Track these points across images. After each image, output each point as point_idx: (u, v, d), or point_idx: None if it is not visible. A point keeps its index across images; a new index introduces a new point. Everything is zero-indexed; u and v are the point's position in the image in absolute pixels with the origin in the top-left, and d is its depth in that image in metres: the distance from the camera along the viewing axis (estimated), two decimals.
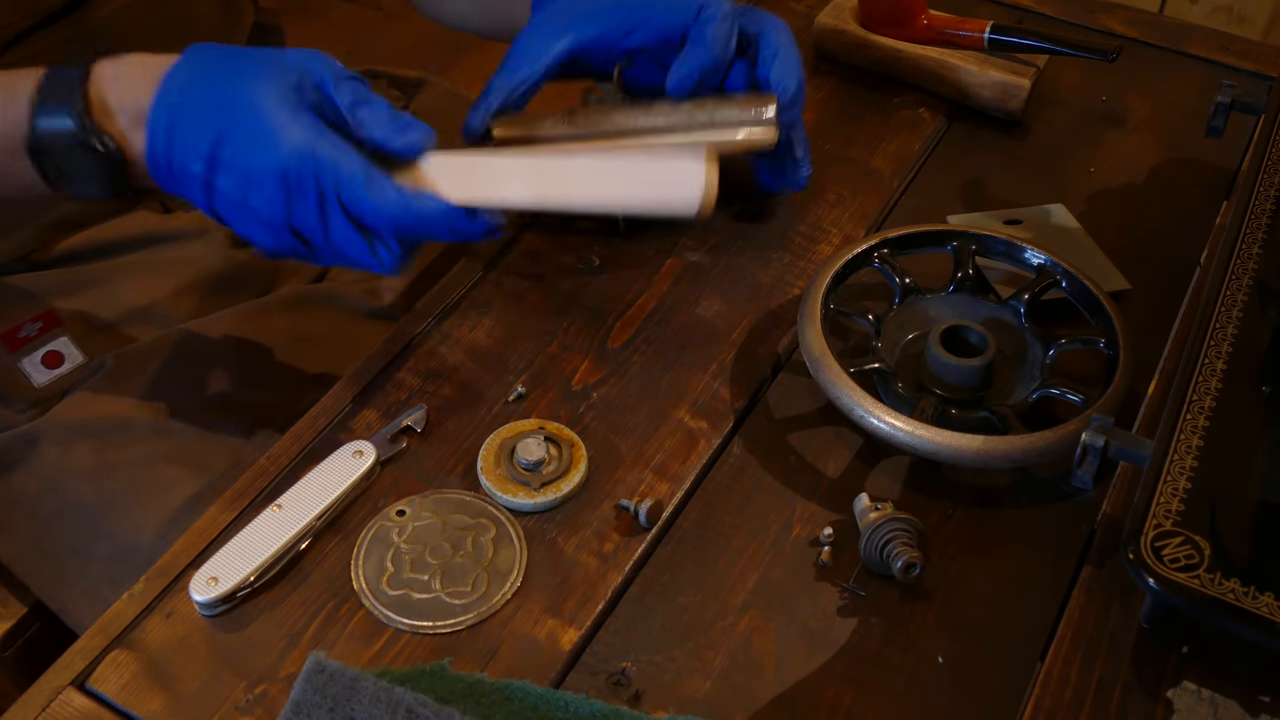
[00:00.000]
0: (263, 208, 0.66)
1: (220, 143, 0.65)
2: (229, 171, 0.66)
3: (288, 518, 0.65)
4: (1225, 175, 0.90)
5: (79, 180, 0.68)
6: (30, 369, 0.86)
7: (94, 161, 0.67)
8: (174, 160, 0.66)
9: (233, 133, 0.65)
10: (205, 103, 0.66)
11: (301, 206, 0.66)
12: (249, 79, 0.66)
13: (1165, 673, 0.57)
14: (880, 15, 0.96)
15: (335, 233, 0.67)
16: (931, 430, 0.66)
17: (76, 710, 0.59)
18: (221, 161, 0.66)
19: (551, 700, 0.58)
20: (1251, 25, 1.90)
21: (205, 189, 0.67)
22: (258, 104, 0.65)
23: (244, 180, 0.66)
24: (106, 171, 0.67)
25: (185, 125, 0.66)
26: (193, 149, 0.66)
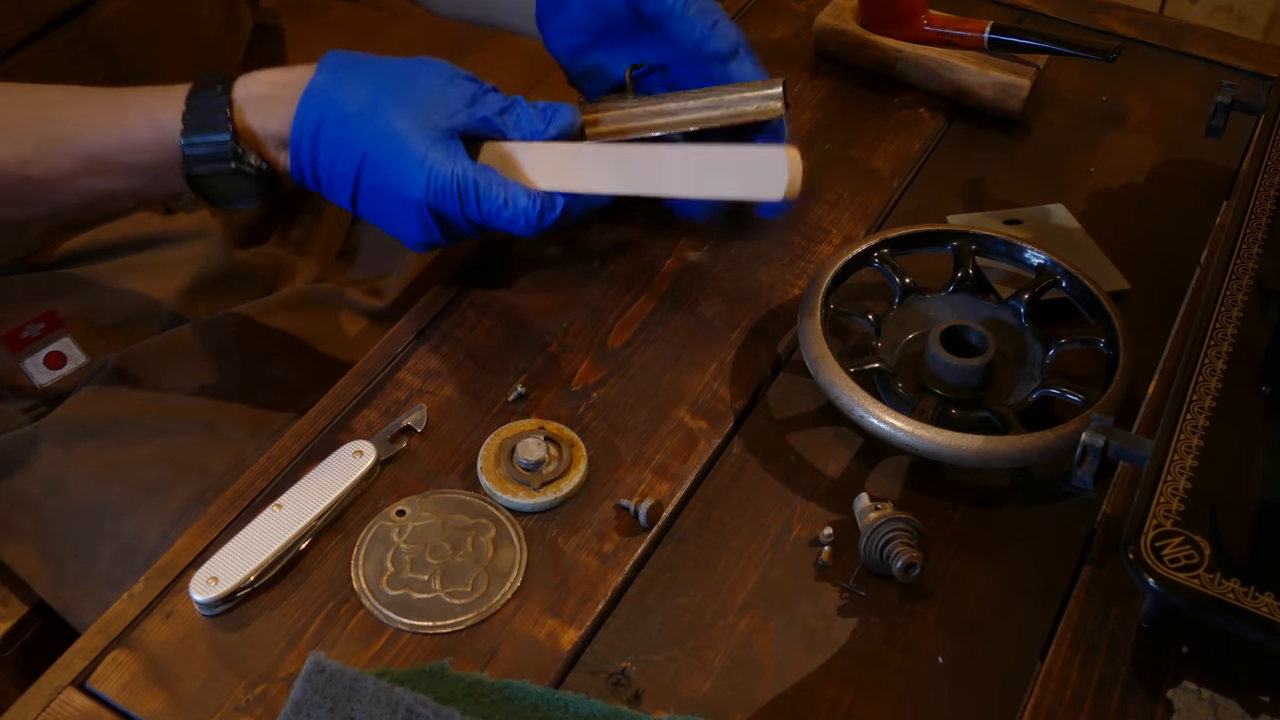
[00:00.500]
0: (409, 230, 0.72)
1: (362, 171, 0.69)
2: (374, 196, 0.70)
3: (288, 518, 0.65)
4: (1225, 175, 0.90)
5: (237, 199, 0.72)
6: (32, 369, 0.86)
7: (250, 181, 0.70)
8: (320, 178, 0.71)
9: (371, 161, 0.69)
10: (343, 125, 0.69)
11: (445, 227, 0.71)
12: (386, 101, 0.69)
13: (1165, 673, 0.57)
14: (880, 15, 0.96)
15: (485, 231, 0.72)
16: (931, 430, 0.66)
17: (76, 710, 0.59)
18: (364, 187, 0.70)
19: (551, 700, 0.58)
20: (1251, 25, 1.89)
21: (353, 205, 0.72)
22: (395, 131, 0.68)
23: (389, 206, 0.70)
24: (262, 189, 0.71)
25: (325, 149, 0.69)
26: (336, 172, 0.70)
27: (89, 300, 0.88)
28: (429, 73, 0.70)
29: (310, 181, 0.71)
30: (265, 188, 0.71)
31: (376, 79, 0.70)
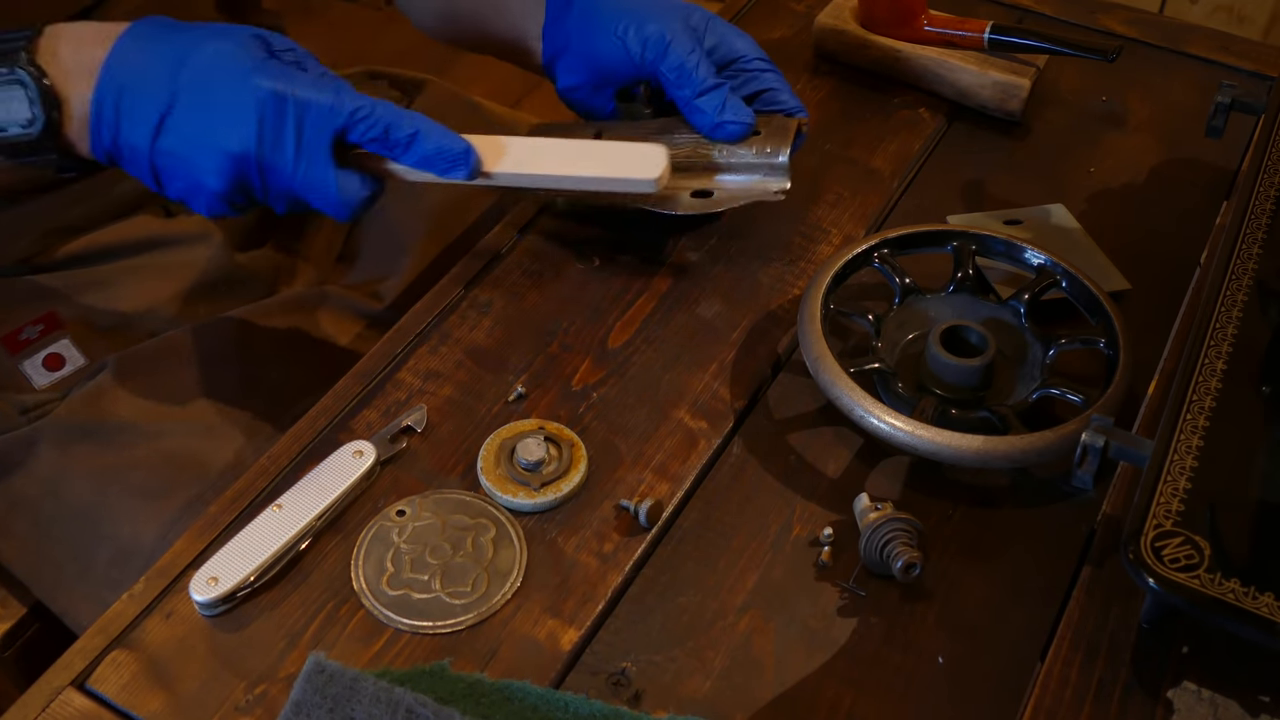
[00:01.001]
0: (232, 143, 0.65)
1: (185, 83, 0.65)
2: (192, 111, 0.65)
3: (288, 518, 0.65)
4: (1225, 175, 0.90)
5: (9, 125, 0.65)
6: (31, 371, 0.86)
7: (27, 102, 0.65)
8: (124, 104, 0.65)
9: (203, 69, 0.65)
10: (170, 49, 0.65)
11: (278, 139, 0.66)
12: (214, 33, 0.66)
13: (1165, 673, 0.57)
14: (880, 15, 0.96)
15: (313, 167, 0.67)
16: (931, 430, 0.66)
17: (76, 710, 0.59)
18: (184, 101, 0.65)
19: (551, 700, 0.58)
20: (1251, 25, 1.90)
21: (155, 133, 0.66)
22: (228, 47, 0.65)
23: (211, 117, 0.65)
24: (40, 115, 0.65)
25: (143, 70, 0.65)
26: (150, 91, 0.65)
27: (88, 302, 0.88)
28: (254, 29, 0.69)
29: (110, 112, 0.66)
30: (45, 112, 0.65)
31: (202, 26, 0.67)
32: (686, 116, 0.79)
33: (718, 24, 0.81)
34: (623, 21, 0.78)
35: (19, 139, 0.66)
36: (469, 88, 1.16)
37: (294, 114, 0.65)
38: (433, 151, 0.69)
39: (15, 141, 0.66)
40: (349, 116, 0.66)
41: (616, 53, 0.79)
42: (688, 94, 0.78)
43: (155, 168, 0.67)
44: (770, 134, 0.78)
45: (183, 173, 0.67)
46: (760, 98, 0.81)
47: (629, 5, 0.79)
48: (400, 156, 0.69)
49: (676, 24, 0.78)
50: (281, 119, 0.65)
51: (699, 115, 0.78)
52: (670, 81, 0.78)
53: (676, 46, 0.77)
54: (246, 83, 0.65)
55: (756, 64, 0.81)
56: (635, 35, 0.78)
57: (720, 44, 0.81)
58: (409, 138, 0.68)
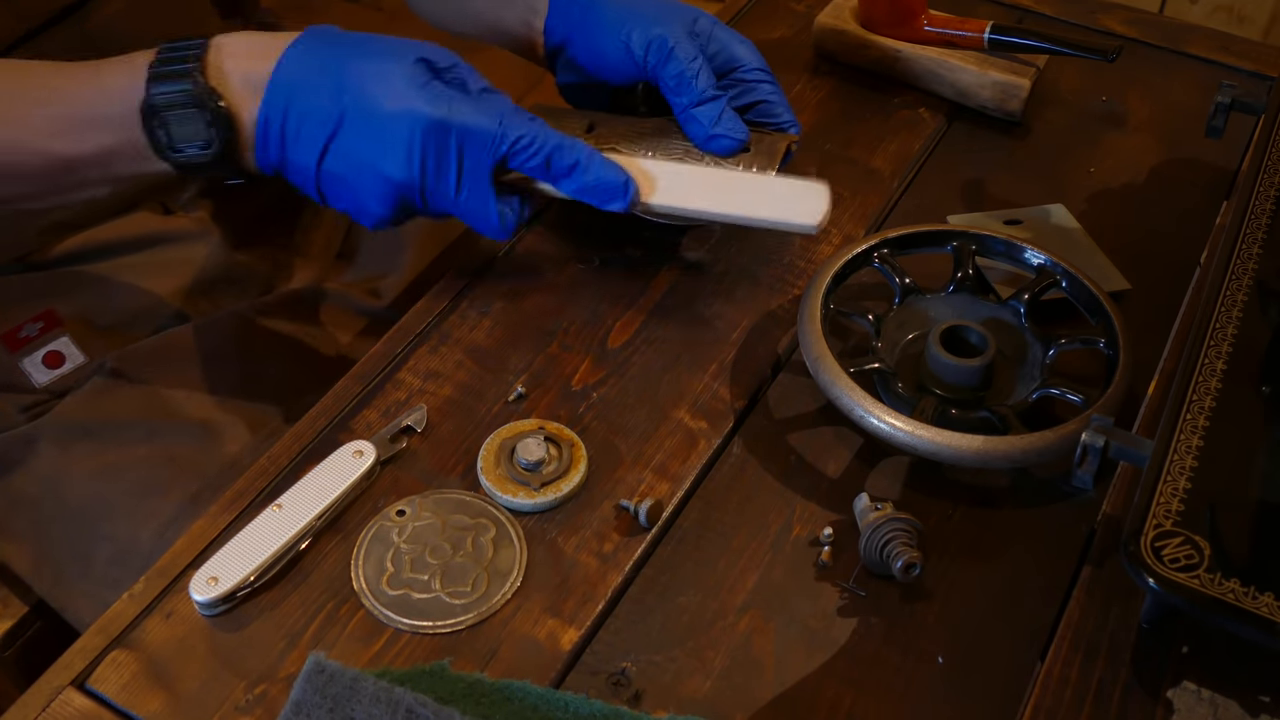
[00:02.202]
0: (395, 171, 0.67)
1: (351, 106, 0.66)
2: (357, 136, 0.66)
3: (288, 518, 0.65)
4: (1225, 175, 0.90)
5: (188, 146, 0.67)
6: (31, 369, 0.86)
7: (205, 125, 0.66)
8: (290, 124, 0.66)
9: (365, 97, 0.65)
10: (333, 70, 0.66)
11: (435, 163, 0.67)
12: (379, 52, 0.67)
13: (1165, 673, 0.57)
14: (880, 15, 0.96)
15: (474, 193, 0.68)
16: (931, 430, 0.66)
17: (76, 710, 0.59)
18: (349, 125, 0.66)
19: (551, 700, 0.58)
20: (1251, 25, 1.89)
21: (322, 155, 0.67)
22: (393, 69, 0.66)
23: (375, 144, 0.66)
24: (217, 136, 0.67)
25: (309, 90, 0.66)
26: (316, 113, 0.66)
27: (88, 300, 0.88)
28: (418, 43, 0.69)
29: (277, 130, 0.67)
30: (219, 136, 0.67)
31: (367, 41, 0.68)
32: (682, 125, 0.79)
33: (721, 31, 0.81)
34: (627, 24, 0.78)
35: (197, 159, 0.67)
36: None
37: (456, 143, 0.67)
38: (593, 183, 0.70)
39: (193, 162, 0.68)
40: (511, 145, 0.68)
41: (619, 54, 0.79)
42: (685, 102, 0.78)
43: (321, 187, 0.69)
44: (760, 152, 0.79)
45: (348, 195, 0.69)
46: (755, 109, 0.81)
47: (634, 7, 0.79)
48: (560, 185, 0.71)
49: (680, 30, 0.78)
50: (444, 148, 0.67)
51: (695, 125, 0.78)
52: (670, 88, 0.78)
53: (679, 53, 0.77)
54: (409, 110, 0.66)
55: (755, 74, 0.81)
56: (639, 38, 0.78)
57: (721, 51, 0.81)
58: (569, 167, 0.70)
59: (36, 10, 0.81)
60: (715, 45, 0.80)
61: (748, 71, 0.81)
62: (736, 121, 0.78)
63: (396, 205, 0.69)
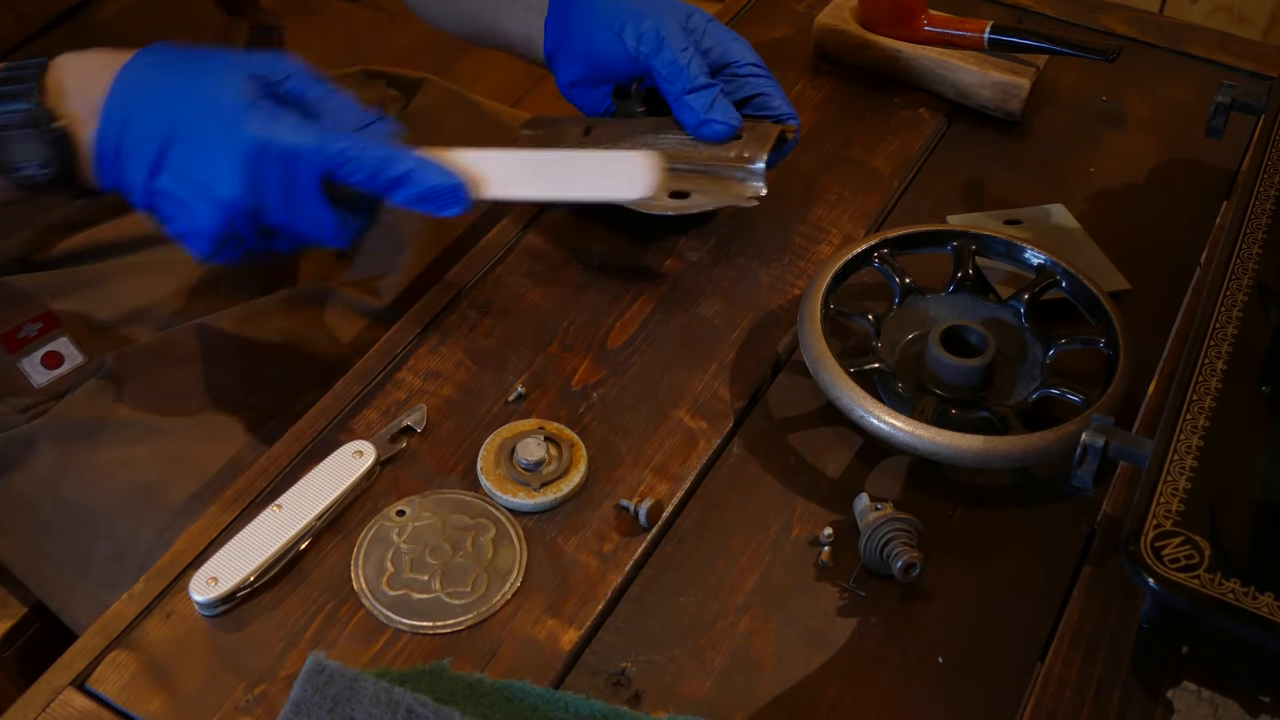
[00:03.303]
0: (224, 188, 0.65)
1: (180, 123, 0.65)
2: (186, 153, 0.65)
3: (288, 518, 0.65)
4: (1225, 175, 0.90)
5: (25, 165, 0.66)
6: (30, 369, 0.86)
7: (41, 145, 0.66)
8: (123, 144, 0.66)
9: (195, 114, 0.65)
10: (163, 89, 0.66)
11: (269, 184, 0.65)
12: (209, 71, 0.66)
13: (1165, 673, 0.57)
14: (880, 15, 0.96)
15: (305, 206, 0.66)
16: (931, 430, 0.66)
17: (76, 710, 0.59)
18: (178, 143, 0.65)
19: (551, 700, 0.58)
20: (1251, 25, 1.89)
21: (152, 173, 0.66)
22: (219, 90, 0.65)
23: (205, 159, 0.65)
24: (53, 156, 0.66)
25: (140, 110, 0.65)
26: (146, 132, 0.65)
27: (87, 300, 0.88)
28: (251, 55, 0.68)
29: (111, 148, 0.66)
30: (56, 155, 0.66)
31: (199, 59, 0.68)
32: (675, 113, 0.80)
33: (715, 27, 0.81)
34: (620, 17, 0.79)
35: (36, 178, 0.67)
36: (469, 87, 1.16)
37: (278, 162, 0.65)
38: (425, 192, 0.67)
39: (31, 181, 0.67)
40: (332, 159, 0.66)
41: (613, 47, 0.79)
42: (678, 89, 0.78)
43: (155, 207, 0.68)
44: (752, 139, 0.79)
45: (179, 214, 0.67)
46: (752, 102, 0.81)
47: (629, 3, 0.80)
48: (392, 197, 0.68)
49: (673, 23, 0.79)
50: (267, 168, 0.65)
51: (687, 112, 0.78)
52: (662, 77, 0.78)
53: (671, 43, 0.78)
54: (232, 131, 0.64)
55: (750, 69, 0.81)
56: (631, 30, 0.78)
57: (716, 47, 0.81)
58: (396, 179, 0.67)
59: (37, 12, 0.81)
60: (709, 40, 0.81)
61: (742, 67, 0.81)
62: (729, 109, 0.79)
63: (227, 223, 0.67)
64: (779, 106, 0.81)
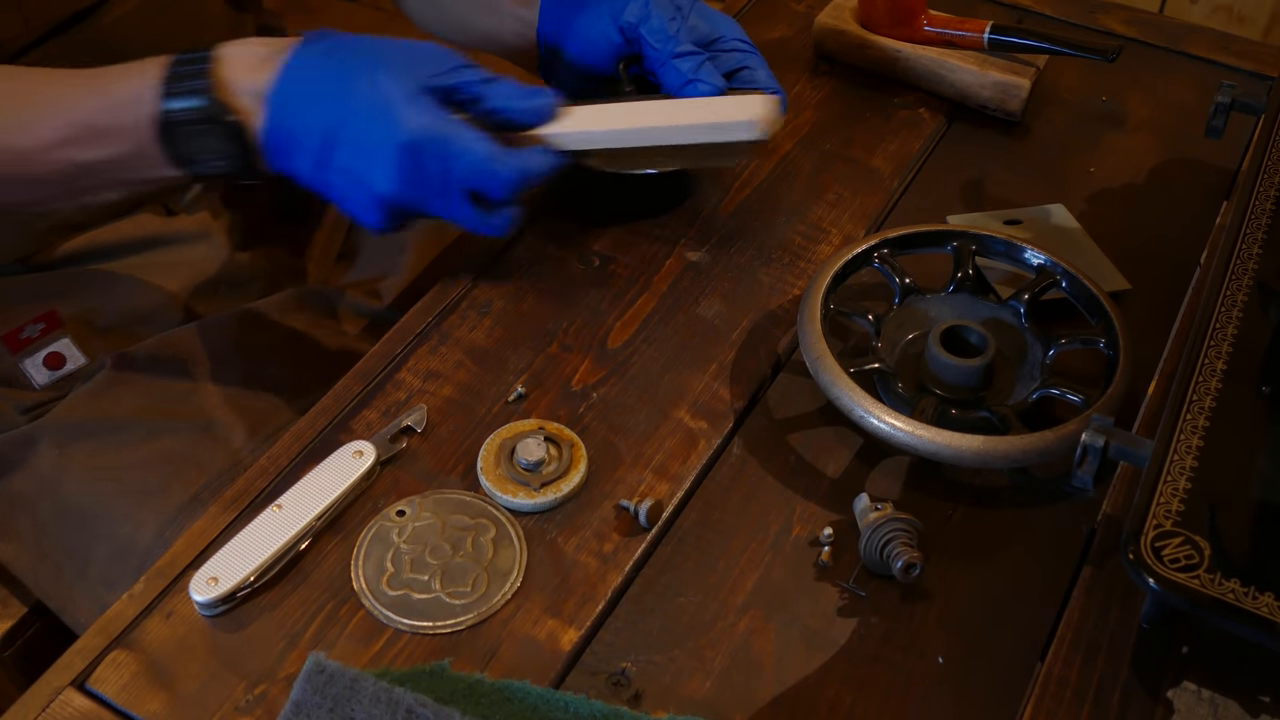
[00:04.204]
0: (381, 184, 0.69)
1: (342, 121, 0.68)
2: (348, 148, 0.68)
3: (288, 518, 0.65)
4: (1225, 175, 0.90)
5: (205, 159, 0.70)
6: (32, 370, 0.86)
7: (220, 138, 0.69)
8: (290, 136, 0.69)
9: (355, 111, 0.68)
10: (326, 82, 0.68)
11: (422, 183, 0.69)
12: (371, 63, 0.69)
13: (1165, 673, 0.57)
14: (880, 15, 0.96)
15: (454, 206, 0.71)
16: (931, 430, 0.66)
17: (76, 710, 0.59)
18: (341, 139, 0.68)
19: (551, 700, 0.58)
20: (1251, 25, 1.89)
21: (318, 165, 0.69)
22: (379, 85, 0.68)
23: (364, 157, 0.68)
24: (232, 148, 0.69)
25: (304, 102, 0.68)
26: (310, 126, 0.68)
27: (89, 301, 0.88)
28: (416, 45, 0.71)
29: (282, 140, 0.69)
30: (235, 148, 0.69)
31: (362, 48, 0.70)
32: (660, 78, 0.80)
33: (702, 7, 0.83)
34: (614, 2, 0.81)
35: (215, 170, 0.70)
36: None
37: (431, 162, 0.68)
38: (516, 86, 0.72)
39: (211, 172, 0.71)
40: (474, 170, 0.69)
41: (603, 27, 0.80)
42: (665, 54, 0.79)
43: (323, 193, 0.72)
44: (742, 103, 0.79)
45: (345, 200, 0.71)
46: (737, 76, 0.82)
47: None
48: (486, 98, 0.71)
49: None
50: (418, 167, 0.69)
51: (673, 74, 0.79)
52: (649, 43, 0.79)
53: (658, 11, 0.79)
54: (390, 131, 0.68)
55: (736, 44, 0.82)
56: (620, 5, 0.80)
57: (703, 23, 0.82)
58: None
59: (46, 15, 0.82)
60: (697, 17, 0.81)
61: (728, 41, 0.82)
62: (715, 74, 0.79)
63: (388, 216, 0.71)
64: (763, 80, 0.82)
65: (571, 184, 0.87)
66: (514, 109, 0.72)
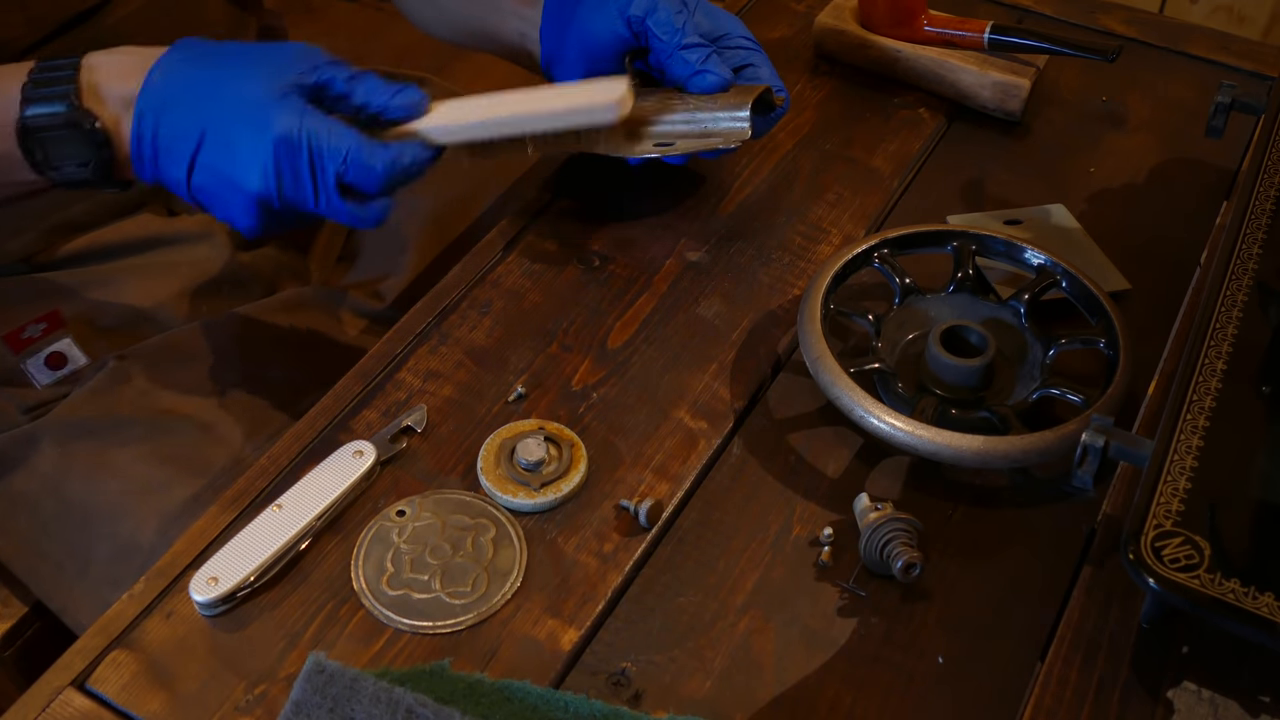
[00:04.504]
0: (253, 183, 0.68)
1: (210, 124, 0.67)
2: (218, 149, 0.67)
3: (288, 518, 0.65)
4: (1225, 175, 0.90)
5: (65, 164, 0.69)
6: (34, 370, 0.86)
7: (81, 145, 0.68)
8: (160, 141, 0.68)
9: (223, 113, 0.67)
10: (194, 87, 0.68)
11: (294, 180, 0.68)
12: (237, 66, 0.68)
13: (1165, 673, 0.57)
14: (880, 16, 0.96)
15: (325, 201, 0.69)
16: (931, 430, 0.66)
17: (76, 710, 0.59)
18: (210, 141, 0.67)
19: (551, 700, 0.58)
20: (1251, 25, 1.89)
21: (189, 170, 0.68)
22: (246, 87, 0.67)
23: (234, 157, 0.67)
24: (93, 155, 0.68)
25: (173, 107, 0.67)
26: (180, 130, 0.67)
27: (90, 301, 0.88)
28: (282, 47, 0.71)
29: (149, 146, 0.68)
30: (96, 154, 0.68)
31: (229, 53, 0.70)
32: (667, 68, 0.79)
33: (707, 4, 0.82)
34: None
35: (75, 176, 0.69)
36: (469, 87, 1.16)
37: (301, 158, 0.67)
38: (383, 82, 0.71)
39: (71, 179, 0.70)
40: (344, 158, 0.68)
41: (608, 23, 0.80)
42: (672, 46, 0.78)
43: (196, 200, 0.71)
44: (736, 93, 0.79)
45: (218, 207, 0.70)
46: (741, 73, 0.82)
47: None
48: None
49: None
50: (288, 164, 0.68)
51: (680, 65, 0.79)
52: (656, 36, 0.79)
53: (664, 4, 0.79)
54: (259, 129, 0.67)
55: (741, 41, 0.82)
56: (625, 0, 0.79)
57: (707, 19, 0.82)
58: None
59: (49, 16, 0.82)
60: (701, 15, 0.81)
61: (733, 38, 0.82)
62: (723, 65, 0.79)
63: (262, 215, 0.70)
64: (767, 78, 0.82)
65: (571, 184, 0.87)
66: (382, 104, 0.71)
